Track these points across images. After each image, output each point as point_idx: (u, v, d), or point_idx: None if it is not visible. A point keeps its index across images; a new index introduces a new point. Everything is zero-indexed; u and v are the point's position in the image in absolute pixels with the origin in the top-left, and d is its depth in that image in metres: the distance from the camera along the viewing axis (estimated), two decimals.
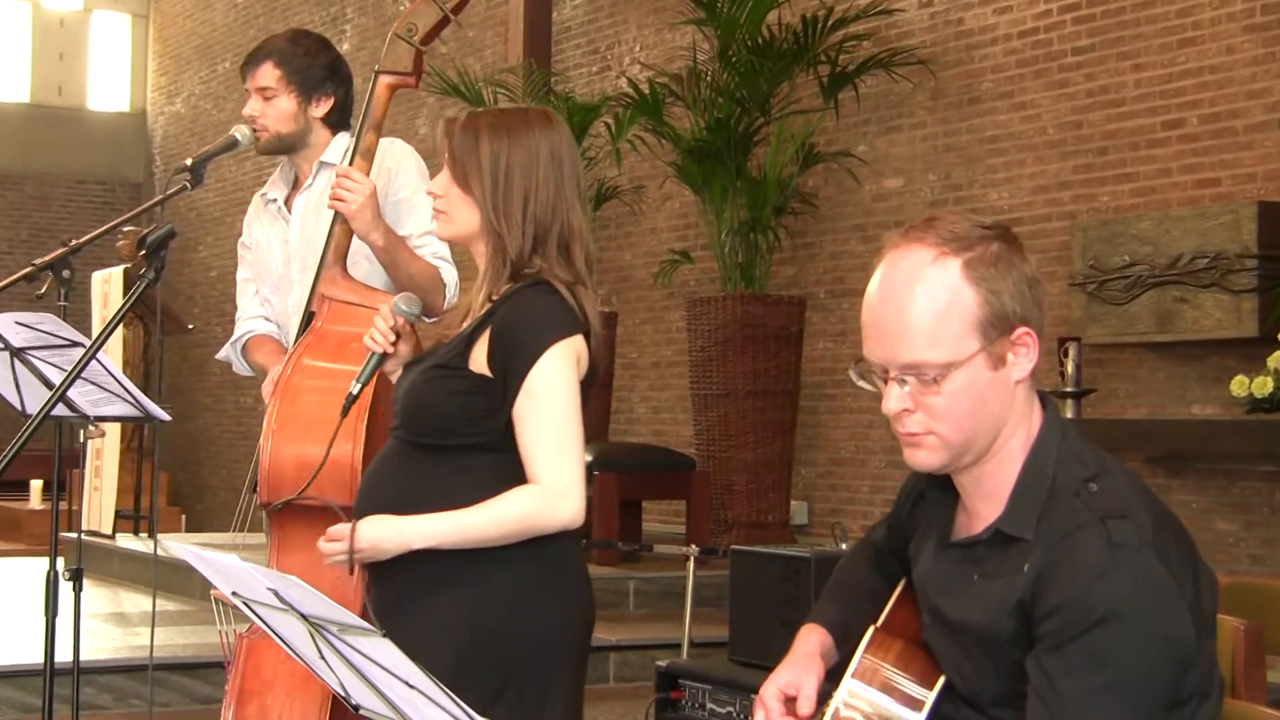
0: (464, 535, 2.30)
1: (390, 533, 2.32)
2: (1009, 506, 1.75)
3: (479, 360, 2.33)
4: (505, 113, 2.48)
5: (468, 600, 2.33)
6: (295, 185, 3.35)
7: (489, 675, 2.31)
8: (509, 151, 2.37)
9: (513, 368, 2.30)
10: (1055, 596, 1.65)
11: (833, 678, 1.91)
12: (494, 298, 2.38)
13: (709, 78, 7.04)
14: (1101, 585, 1.63)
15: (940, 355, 1.70)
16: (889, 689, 1.82)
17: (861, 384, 1.79)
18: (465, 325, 2.40)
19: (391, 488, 2.39)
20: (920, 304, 1.71)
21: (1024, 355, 1.74)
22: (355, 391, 2.44)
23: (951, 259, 1.72)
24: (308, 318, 3.03)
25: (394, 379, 2.50)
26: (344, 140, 3.30)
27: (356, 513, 2.41)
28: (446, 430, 2.34)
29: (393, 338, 2.44)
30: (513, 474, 2.31)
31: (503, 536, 2.30)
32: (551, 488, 2.29)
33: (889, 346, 1.73)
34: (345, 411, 2.46)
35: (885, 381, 1.75)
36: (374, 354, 2.45)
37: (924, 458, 1.76)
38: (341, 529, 2.34)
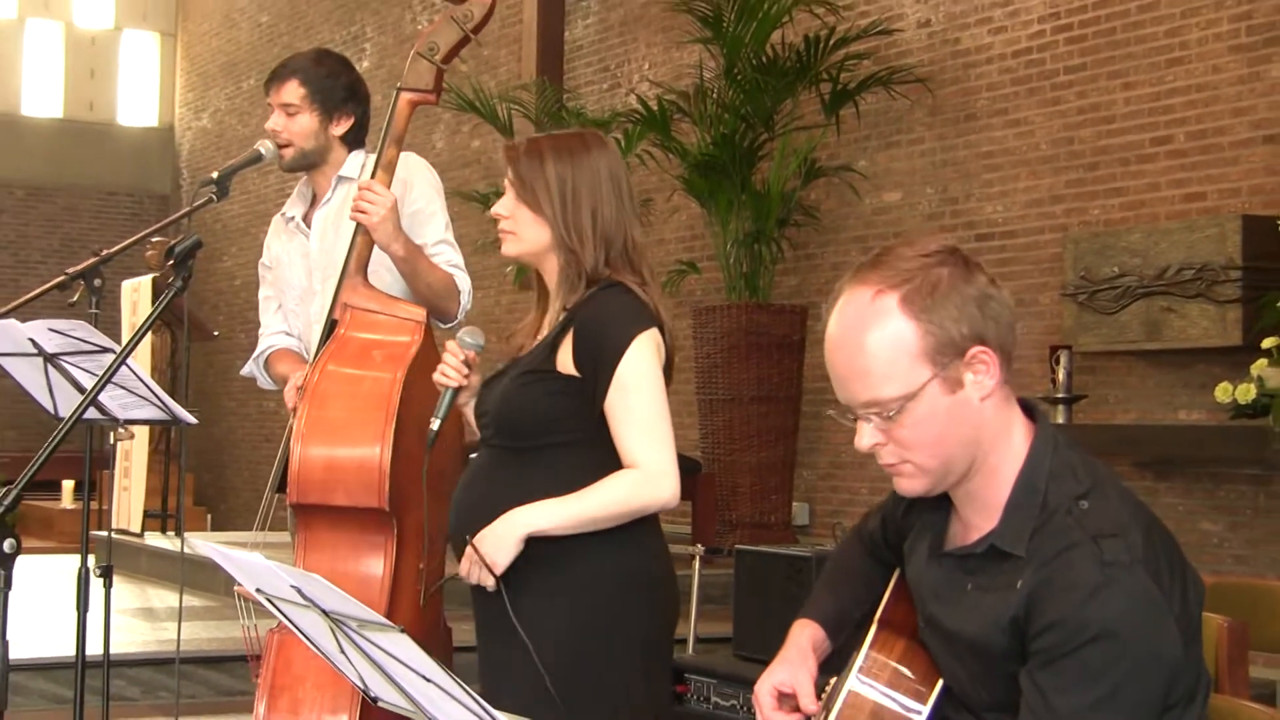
0: (574, 519, 2.40)
1: (505, 533, 2.40)
2: (1002, 522, 1.76)
3: (565, 362, 2.44)
4: (564, 137, 2.57)
5: (568, 591, 2.41)
6: (313, 202, 3.42)
7: (589, 665, 2.41)
8: (574, 173, 2.48)
9: (602, 364, 2.41)
10: (1049, 614, 1.67)
11: (826, 669, 1.97)
12: (567, 306, 2.48)
13: (715, 95, 7.07)
14: (1094, 603, 1.65)
15: (894, 390, 1.72)
16: (892, 687, 1.85)
17: (844, 422, 1.81)
18: (545, 333, 2.51)
19: (482, 492, 2.48)
20: (867, 344, 1.73)
21: (983, 373, 1.74)
22: (435, 428, 2.49)
23: (888, 295, 1.73)
24: (330, 325, 3.08)
25: (468, 409, 2.59)
26: (360, 157, 3.37)
27: (454, 520, 2.51)
28: (542, 430, 2.44)
29: (465, 370, 2.50)
30: (600, 469, 2.42)
31: (609, 518, 2.40)
32: (650, 469, 2.40)
33: (847, 388, 1.76)
34: (430, 447, 2.51)
35: (855, 420, 1.78)
36: (449, 389, 2.51)
37: (907, 485, 1.79)
38: (466, 555, 2.42)
